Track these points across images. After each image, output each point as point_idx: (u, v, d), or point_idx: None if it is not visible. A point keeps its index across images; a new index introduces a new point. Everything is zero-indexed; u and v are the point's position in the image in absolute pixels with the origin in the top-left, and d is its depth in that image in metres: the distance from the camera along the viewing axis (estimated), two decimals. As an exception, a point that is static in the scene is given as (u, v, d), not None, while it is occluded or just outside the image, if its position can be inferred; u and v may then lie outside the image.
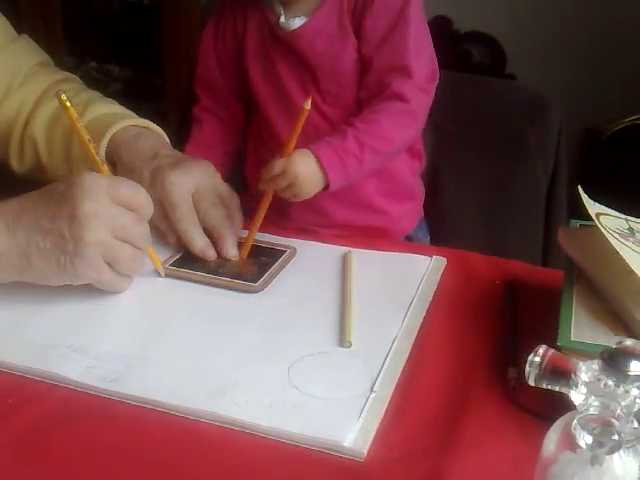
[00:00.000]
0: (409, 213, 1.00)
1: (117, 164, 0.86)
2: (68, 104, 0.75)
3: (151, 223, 0.74)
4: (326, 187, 0.83)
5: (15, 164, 0.96)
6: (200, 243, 0.80)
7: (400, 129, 0.87)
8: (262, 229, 0.86)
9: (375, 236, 0.90)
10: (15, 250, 0.68)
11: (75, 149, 0.88)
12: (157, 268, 0.78)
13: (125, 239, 0.70)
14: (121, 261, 0.70)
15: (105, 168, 0.77)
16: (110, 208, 0.68)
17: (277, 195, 0.82)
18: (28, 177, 0.96)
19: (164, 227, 0.82)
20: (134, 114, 0.92)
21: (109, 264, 0.70)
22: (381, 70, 0.86)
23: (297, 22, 0.88)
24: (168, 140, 0.91)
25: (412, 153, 0.98)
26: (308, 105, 0.75)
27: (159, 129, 0.91)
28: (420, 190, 1.03)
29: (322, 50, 0.88)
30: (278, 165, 0.79)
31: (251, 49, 0.92)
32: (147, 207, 0.72)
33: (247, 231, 0.83)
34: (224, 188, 0.85)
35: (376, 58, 0.86)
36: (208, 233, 0.81)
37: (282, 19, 0.88)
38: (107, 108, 0.91)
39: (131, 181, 0.73)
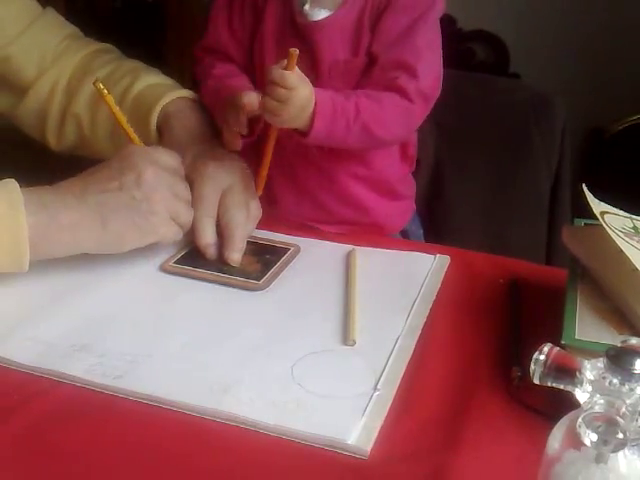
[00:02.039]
0: (404, 210, 1.00)
1: (165, 135, 0.88)
2: (105, 92, 0.82)
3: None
4: (304, 134, 0.80)
5: (53, 142, 0.97)
6: (207, 238, 0.80)
7: (396, 122, 0.86)
8: (265, 226, 0.86)
9: (372, 232, 0.90)
10: (90, 216, 0.71)
11: None
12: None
13: (178, 195, 0.77)
14: (181, 214, 0.77)
15: (137, 138, 0.84)
16: (162, 171, 0.76)
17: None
18: (65, 155, 0.98)
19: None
20: (179, 85, 0.94)
21: (173, 219, 0.76)
22: (388, 66, 0.85)
23: (322, 13, 0.86)
24: None
25: (405, 157, 0.97)
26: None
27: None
28: (412, 186, 1.02)
29: (340, 45, 0.87)
30: (293, 78, 0.76)
31: (268, 31, 0.90)
32: (180, 168, 0.80)
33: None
34: (253, 197, 0.84)
35: (385, 54, 0.85)
36: (220, 230, 0.81)
37: (307, 7, 0.87)
38: (154, 78, 0.93)
39: (167, 149, 0.81)
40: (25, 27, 0.94)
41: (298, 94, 0.77)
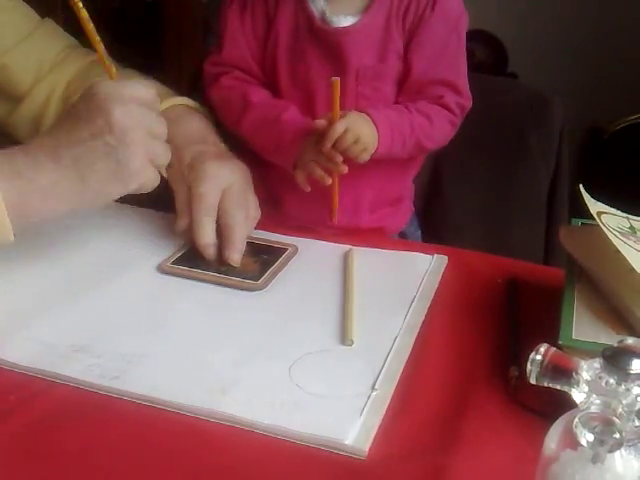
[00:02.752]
0: (403, 212, 1.01)
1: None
2: (80, 5, 0.77)
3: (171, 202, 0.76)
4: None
5: None
6: (207, 238, 0.80)
7: (442, 134, 0.90)
8: (263, 227, 0.86)
9: (372, 234, 0.91)
10: (67, 175, 0.68)
11: None
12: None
13: (153, 132, 0.72)
14: (158, 155, 0.72)
15: (114, 70, 0.78)
16: (134, 107, 0.70)
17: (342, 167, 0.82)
18: None
19: (182, 209, 0.82)
20: (174, 92, 0.92)
21: (150, 160, 0.71)
22: (430, 82, 0.88)
23: (347, 20, 0.86)
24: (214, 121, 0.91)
25: (416, 166, 0.98)
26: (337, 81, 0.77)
27: (204, 110, 0.92)
28: (411, 187, 1.02)
29: (367, 51, 0.87)
30: (340, 125, 0.79)
31: (282, 38, 0.89)
32: (156, 101, 0.74)
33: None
34: (252, 198, 0.84)
35: (426, 70, 0.87)
36: (220, 230, 0.81)
37: (328, 13, 0.86)
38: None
39: (137, 80, 0.76)
40: (23, 37, 0.93)
41: (363, 128, 0.81)
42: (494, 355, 0.67)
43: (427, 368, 0.65)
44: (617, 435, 0.41)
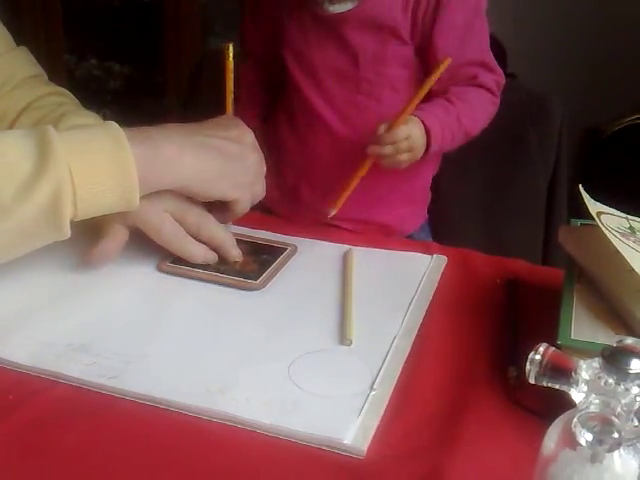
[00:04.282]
0: (415, 214, 1.01)
1: None
2: (231, 56, 0.86)
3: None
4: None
5: None
6: (199, 254, 0.78)
7: (487, 117, 0.92)
8: (264, 227, 0.86)
9: (380, 233, 0.91)
10: (193, 151, 0.73)
11: None
12: None
13: (263, 169, 0.81)
14: (259, 190, 0.81)
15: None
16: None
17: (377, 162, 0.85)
18: None
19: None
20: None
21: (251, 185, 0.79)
22: (461, 65, 0.89)
23: (349, 5, 0.87)
24: None
25: (433, 161, 0.99)
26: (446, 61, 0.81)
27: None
28: (427, 193, 1.03)
29: (366, 35, 0.88)
30: (403, 131, 0.82)
31: (288, 26, 0.91)
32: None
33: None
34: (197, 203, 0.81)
35: (456, 54, 0.87)
36: (203, 242, 0.79)
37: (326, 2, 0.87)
38: (83, 120, 0.88)
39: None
40: None
41: (418, 138, 0.84)
42: (493, 355, 0.67)
43: (426, 368, 0.65)
44: (616, 435, 0.41)
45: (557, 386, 0.46)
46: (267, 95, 1.00)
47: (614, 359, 0.43)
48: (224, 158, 0.75)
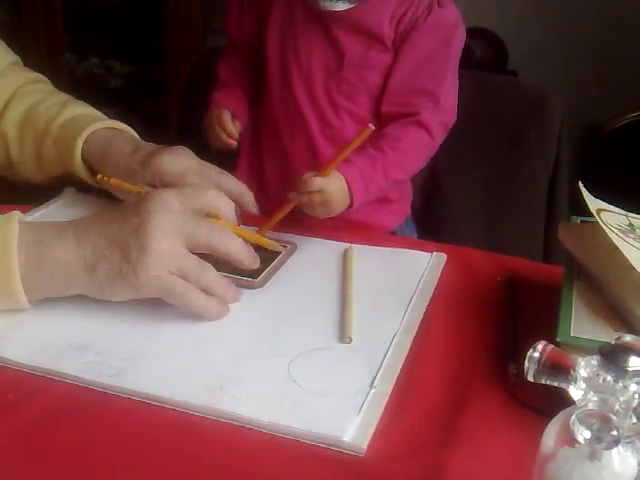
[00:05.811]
0: (393, 211, 1.01)
1: (93, 165, 0.88)
2: (106, 179, 0.83)
3: None
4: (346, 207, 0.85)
5: None
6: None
7: (420, 162, 0.91)
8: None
9: (361, 229, 0.91)
10: (82, 258, 0.67)
11: (45, 148, 0.90)
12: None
13: (192, 247, 0.68)
14: (188, 271, 0.67)
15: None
16: (179, 216, 0.67)
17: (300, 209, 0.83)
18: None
19: None
20: (105, 116, 0.93)
21: (172, 272, 0.67)
22: (411, 91, 0.88)
23: (344, 5, 0.88)
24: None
25: None
26: (372, 127, 0.77)
27: (131, 131, 0.92)
28: (409, 191, 1.04)
29: (356, 38, 0.88)
30: (317, 182, 0.80)
31: (274, 16, 0.92)
32: (230, 209, 0.73)
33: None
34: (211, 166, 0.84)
35: (410, 77, 0.87)
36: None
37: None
38: (81, 110, 0.92)
39: (202, 187, 0.75)
40: None
41: (336, 194, 0.81)
42: (493, 352, 0.67)
43: (426, 365, 0.65)
44: (614, 432, 0.41)
45: (556, 383, 0.46)
46: (252, 82, 1.00)
47: (612, 356, 0.43)
48: (116, 257, 0.66)
